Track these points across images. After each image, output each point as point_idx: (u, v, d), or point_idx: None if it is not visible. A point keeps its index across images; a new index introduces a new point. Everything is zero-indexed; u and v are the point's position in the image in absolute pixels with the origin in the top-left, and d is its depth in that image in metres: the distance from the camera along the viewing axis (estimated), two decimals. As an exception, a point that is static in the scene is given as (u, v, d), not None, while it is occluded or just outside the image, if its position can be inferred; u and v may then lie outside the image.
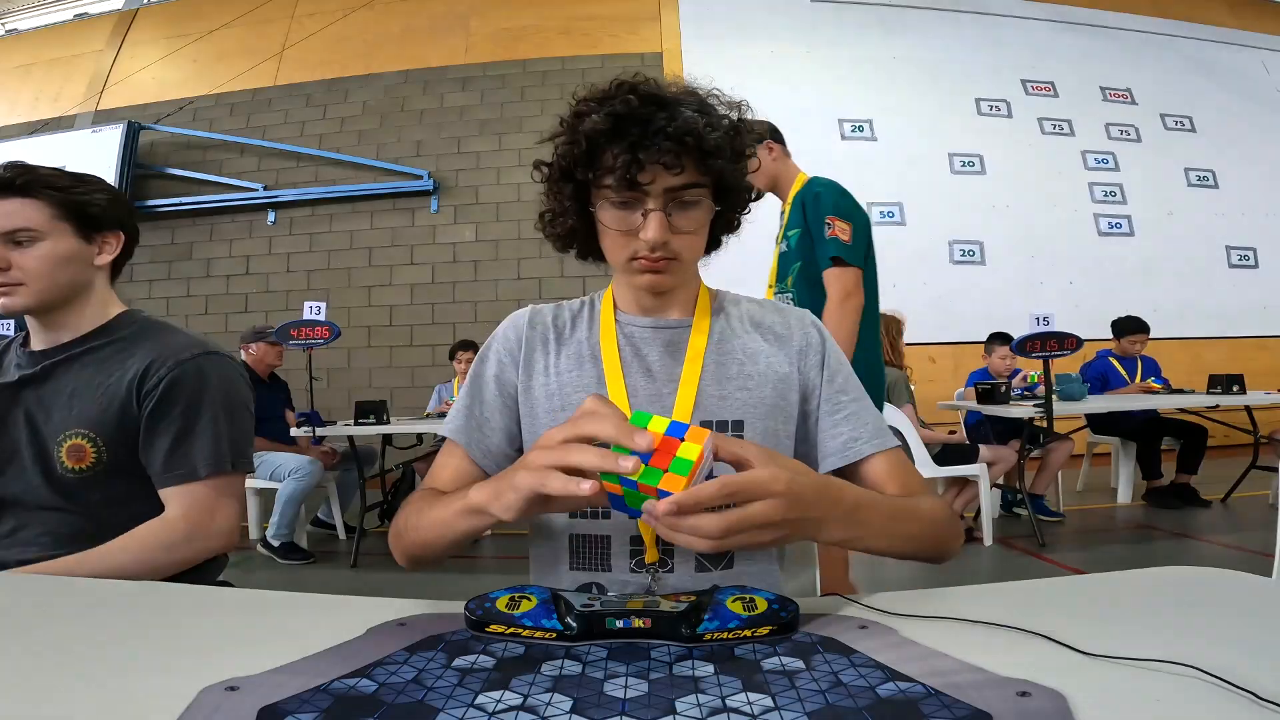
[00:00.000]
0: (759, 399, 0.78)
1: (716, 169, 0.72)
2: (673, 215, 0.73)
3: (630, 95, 0.70)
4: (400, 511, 0.73)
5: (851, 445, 0.77)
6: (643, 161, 0.68)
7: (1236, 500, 3.72)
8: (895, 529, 0.64)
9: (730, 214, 0.81)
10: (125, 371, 0.95)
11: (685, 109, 0.70)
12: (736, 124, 0.76)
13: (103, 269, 1.02)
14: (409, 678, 0.42)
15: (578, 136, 0.71)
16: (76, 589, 0.65)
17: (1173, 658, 0.41)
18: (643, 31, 6.35)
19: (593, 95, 0.73)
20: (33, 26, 7.58)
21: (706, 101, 0.74)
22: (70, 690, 0.42)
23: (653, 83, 0.73)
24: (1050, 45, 6.56)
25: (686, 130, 0.68)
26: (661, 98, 0.71)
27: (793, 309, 0.87)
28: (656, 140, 0.68)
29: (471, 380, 0.83)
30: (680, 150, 0.69)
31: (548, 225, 0.82)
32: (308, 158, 6.16)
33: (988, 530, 3.06)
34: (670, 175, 0.70)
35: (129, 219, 1.04)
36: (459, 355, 4.22)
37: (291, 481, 3.12)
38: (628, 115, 0.69)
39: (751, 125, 0.78)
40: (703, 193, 0.74)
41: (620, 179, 0.70)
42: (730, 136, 0.73)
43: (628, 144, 0.68)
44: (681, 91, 0.74)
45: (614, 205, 0.73)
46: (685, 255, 0.76)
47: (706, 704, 0.39)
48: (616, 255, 0.77)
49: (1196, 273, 5.98)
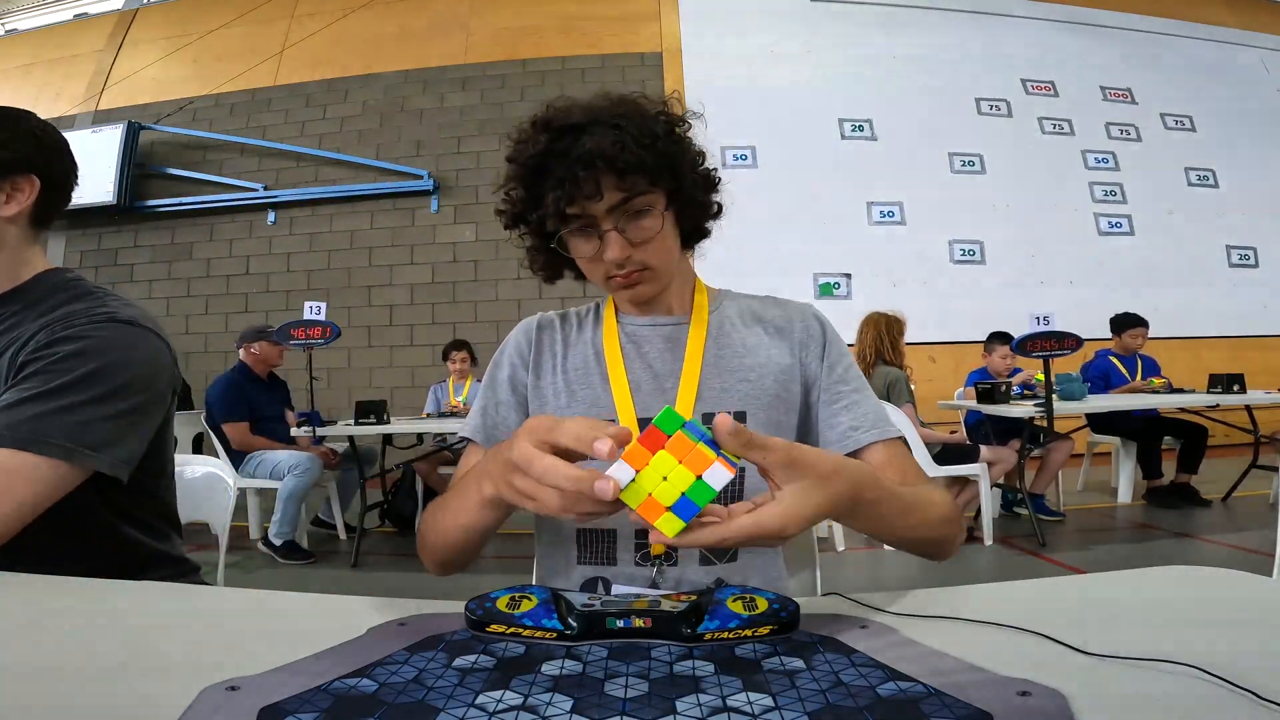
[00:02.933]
0: (760, 390, 0.79)
1: (641, 183, 0.72)
2: (627, 230, 0.73)
3: (543, 135, 0.72)
4: (423, 519, 0.74)
5: (851, 434, 0.78)
6: (569, 195, 0.70)
7: (1237, 500, 3.72)
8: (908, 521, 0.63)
9: (692, 208, 0.80)
10: (16, 340, 0.81)
11: (599, 129, 0.70)
12: (665, 123, 0.75)
13: (14, 221, 0.86)
14: (409, 678, 0.42)
15: (510, 183, 0.76)
16: (77, 589, 0.65)
17: (1173, 657, 0.40)
18: (643, 31, 6.35)
19: (519, 137, 0.75)
20: (33, 26, 7.58)
21: (628, 110, 0.74)
22: (70, 690, 0.42)
23: (567, 110, 0.73)
24: (1050, 45, 6.56)
25: (597, 154, 0.69)
26: (574, 125, 0.71)
27: (794, 302, 0.88)
28: (573, 170, 0.69)
29: (487, 383, 0.87)
30: (595, 175, 0.69)
31: (532, 264, 0.85)
32: (308, 158, 6.16)
33: (988, 530, 3.06)
34: (600, 199, 0.71)
35: (47, 162, 0.88)
36: (452, 355, 4.20)
37: (292, 478, 3.12)
38: (545, 154, 0.71)
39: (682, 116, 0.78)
40: (648, 200, 0.74)
41: (555, 214, 0.72)
42: (651, 143, 0.72)
43: (554, 180, 0.70)
44: (601, 107, 0.73)
45: (573, 235, 0.75)
46: (655, 261, 0.76)
47: (707, 704, 0.39)
48: (594, 277, 0.79)
49: (1197, 272, 5.99)
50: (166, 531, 0.97)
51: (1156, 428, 3.80)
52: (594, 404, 0.80)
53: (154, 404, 0.87)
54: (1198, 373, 4.24)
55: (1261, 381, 4.20)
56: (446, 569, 0.72)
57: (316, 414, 3.42)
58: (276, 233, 6.11)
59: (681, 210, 0.78)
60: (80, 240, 6.26)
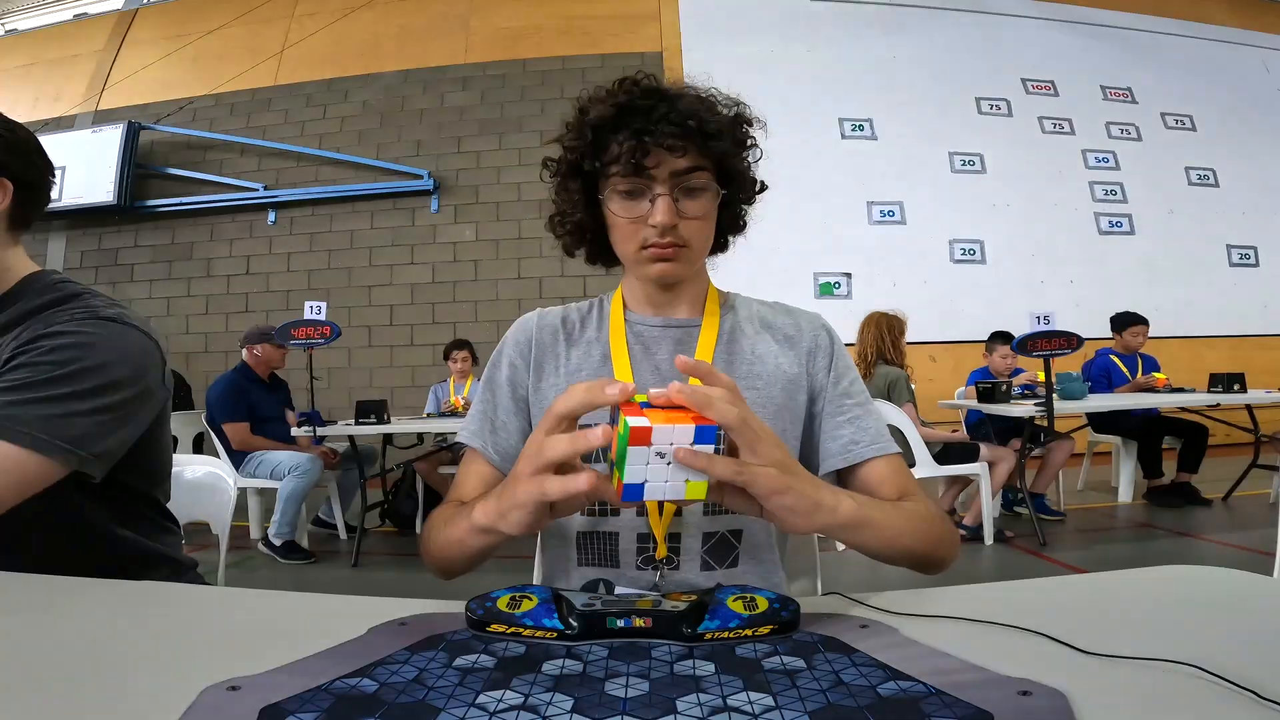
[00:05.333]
0: (767, 399, 0.79)
1: (719, 153, 0.74)
2: (680, 201, 0.74)
3: (634, 87, 0.74)
4: (426, 526, 0.74)
5: (851, 448, 0.77)
6: (647, 146, 0.70)
7: (1237, 499, 3.72)
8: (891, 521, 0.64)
9: (735, 207, 0.82)
10: (9, 343, 0.80)
11: (687, 99, 0.73)
12: (737, 115, 0.78)
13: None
14: (410, 677, 0.42)
15: (584, 129, 0.74)
16: (77, 589, 0.65)
17: (1173, 656, 0.40)
18: (643, 31, 6.35)
19: (596, 93, 0.76)
20: (33, 26, 7.58)
21: (706, 95, 0.77)
22: (70, 690, 0.42)
23: (653, 78, 0.76)
24: (1050, 45, 6.56)
25: (689, 114, 0.71)
26: (662, 90, 0.74)
27: (803, 310, 0.88)
28: (660, 125, 0.70)
29: (485, 385, 0.85)
30: (683, 133, 0.71)
31: (558, 225, 0.83)
32: (308, 158, 6.16)
33: (988, 530, 3.07)
34: (675, 159, 0.72)
35: (19, 164, 0.85)
36: (453, 355, 4.20)
37: (292, 479, 3.13)
38: (630, 105, 0.72)
39: (752, 118, 0.80)
40: (708, 177, 0.75)
41: (626, 164, 0.72)
42: (732, 124, 0.76)
43: (632, 130, 0.71)
44: (683, 86, 0.77)
45: (621, 195, 0.75)
46: (694, 242, 0.77)
47: (707, 703, 0.39)
48: (626, 245, 0.78)
49: (1197, 272, 5.99)
50: (165, 532, 0.97)
51: (1157, 427, 3.79)
52: None
53: (138, 402, 0.84)
54: (1198, 372, 4.24)
55: (1262, 381, 4.20)
56: (449, 576, 0.73)
57: (317, 414, 3.42)
58: (276, 233, 6.11)
59: (726, 206, 0.80)
60: (80, 240, 6.26)
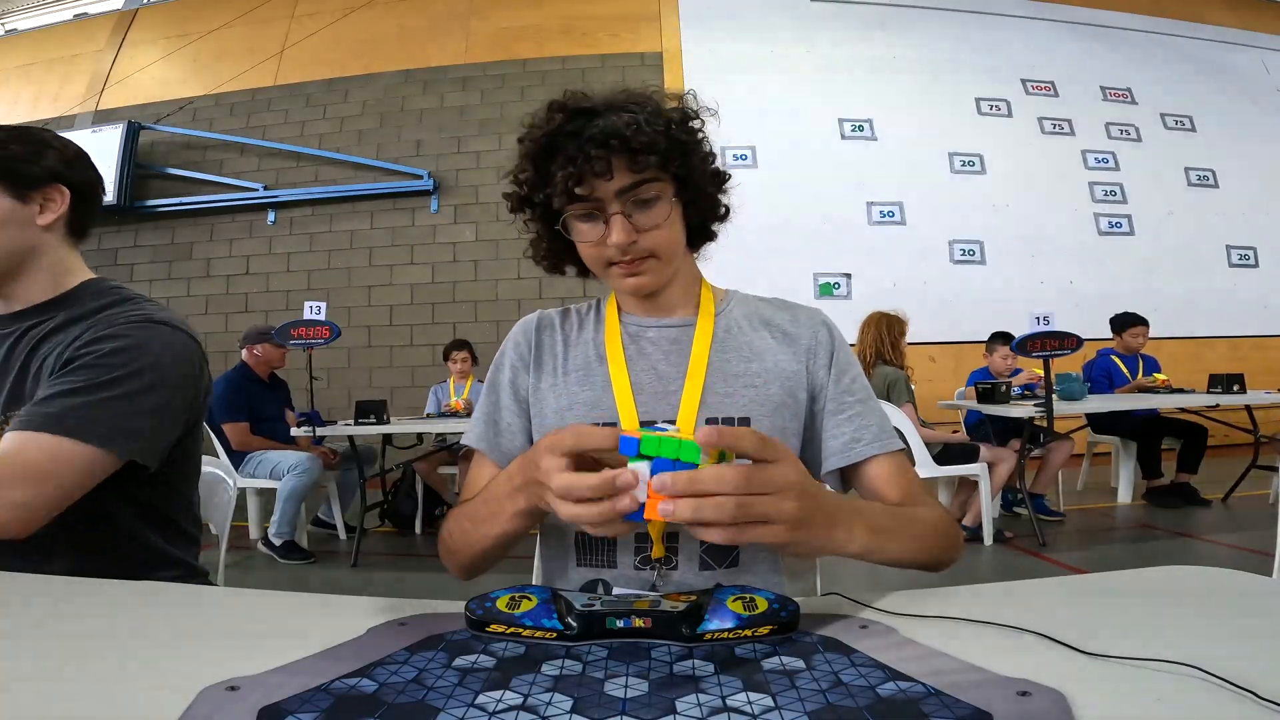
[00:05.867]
0: (765, 396, 0.78)
1: (653, 164, 0.72)
2: (634, 215, 0.73)
3: (559, 114, 0.73)
4: (445, 529, 0.75)
5: (853, 446, 0.77)
6: (578, 173, 0.70)
7: (1237, 499, 3.72)
8: (902, 542, 0.65)
9: (701, 202, 0.80)
10: (62, 343, 0.86)
11: (613, 114, 0.71)
12: (679, 114, 0.76)
13: (52, 230, 0.91)
14: (409, 677, 0.42)
15: (522, 163, 0.76)
16: (76, 589, 0.65)
17: (1173, 657, 0.40)
18: (643, 31, 6.35)
19: (533, 121, 0.76)
20: (33, 26, 7.58)
21: (642, 101, 0.75)
22: (70, 690, 0.42)
23: (583, 96, 0.75)
24: (1050, 45, 6.56)
25: (611, 134, 0.69)
26: (590, 108, 0.72)
27: (803, 307, 0.87)
28: (586, 149, 0.69)
29: (488, 387, 0.85)
30: (608, 154, 0.70)
31: (535, 253, 0.84)
32: (308, 158, 6.16)
33: (988, 530, 3.06)
34: (606, 181, 0.71)
35: (73, 172, 0.93)
36: (453, 355, 4.19)
37: (291, 478, 3.12)
38: (557, 132, 0.72)
39: (696, 110, 0.78)
40: (658, 188, 0.74)
41: (563, 193, 0.72)
42: (665, 129, 0.72)
43: (564, 159, 0.71)
44: (616, 97, 0.74)
45: (577, 219, 0.75)
46: (660, 250, 0.76)
47: (707, 704, 0.39)
48: (595, 265, 0.79)
49: (1197, 272, 5.99)
50: (186, 538, 0.98)
51: (1157, 428, 3.79)
52: (595, 405, 0.78)
53: (185, 401, 0.90)
54: (1198, 372, 4.24)
55: (1261, 381, 4.20)
56: (473, 574, 0.74)
57: (316, 414, 3.42)
58: (276, 233, 6.11)
59: (689, 203, 0.78)
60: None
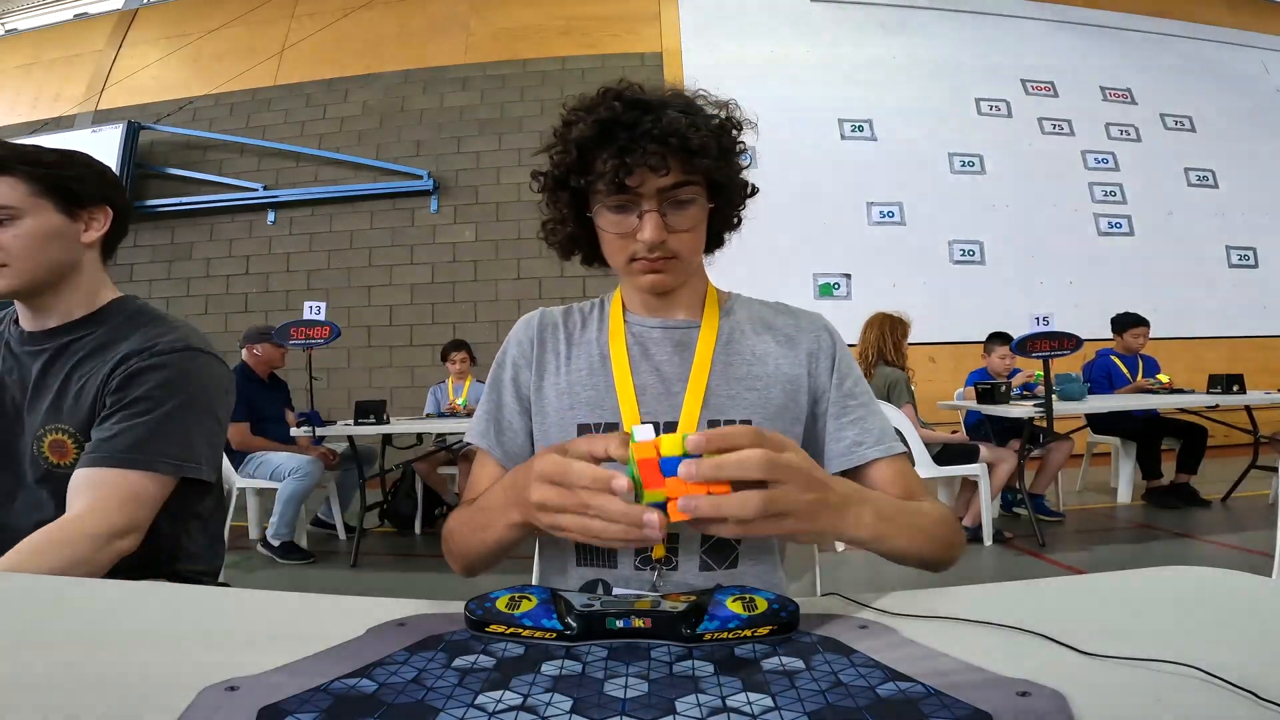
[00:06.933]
0: (767, 400, 0.78)
1: (704, 167, 0.72)
2: (668, 215, 0.73)
3: (615, 102, 0.72)
4: (448, 528, 0.76)
5: (855, 449, 0.77)
6: (630, 165, 0.69)
7: (1236, 500, 3.72)
8: (908, 532, 0.65)
9: (727, 211, 0.82)
10: (104, 365, 0.91)
11: (670, 111, 0.71)
12: (724, 121, 0.77)
13: (92, 248, 0.98)
14: (409, 678, 0.42)
15: (568, 145, 0.73)
16: (76, 588, 0.65)
17: (1173, 658, 0.40)
18: (643, 31, 6.35)
19: (581, 104, 0.75)
20: (33, 26, 7.58)
21: (693, 102, 0.75)
22: (70, 690, 0.42)
23: (638, 88, 0.74)
24: (1050, 45, 6.56)
25: (670, 131, 0.69)
26: (646, 102, 0.72)
27: (804, 311, 0.87)
28: (642, 143, 0.69)
29: (491, 386, 0.85)
30: (665, 151, 0.70)
31: (549, 234, 0.83)
32: (308, 158, 6.16)
33: (987, 530, 3.06)
34: (659, 176, 0.71)
35: (116, 194, 1.00)
36: (451, 356, 4.19)
37: (292, 481, 3.12)
38: (613, 121, 0.70)
39: (740, 121, 0.79)
40: (695, 191, 0.74)
41: (610, 183, 0.71)
42: (716, 134, 0.74)
43: (615, 149, 0.70)
44: (667, 94, 0.75)
45: (610, 209, 0.75)
46: (684, 253, 0.77)
47: (706, 704, 0.39)
48: (617, 258, 0.78)
49: (1196, 273, 5.99)
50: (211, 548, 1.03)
51: (1156, 428, 3.79)
52: (597, 406, 0.78)
53: (225, 420, 1.00)
54: (1197, 373, 4.24)
55: (1261, 381, 4.20)
56: (473, 573, 0.75)
57: (316, 414, 3.42)
58: (276, 233, 6.11)
59: (717, 211, 0.79)
60: (80, 240, 6.26)
